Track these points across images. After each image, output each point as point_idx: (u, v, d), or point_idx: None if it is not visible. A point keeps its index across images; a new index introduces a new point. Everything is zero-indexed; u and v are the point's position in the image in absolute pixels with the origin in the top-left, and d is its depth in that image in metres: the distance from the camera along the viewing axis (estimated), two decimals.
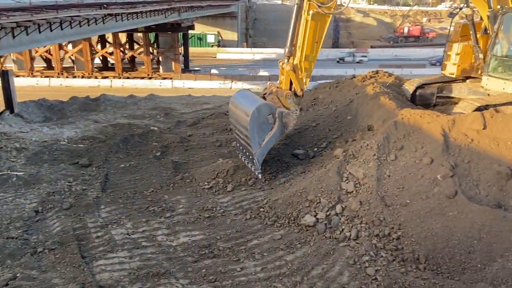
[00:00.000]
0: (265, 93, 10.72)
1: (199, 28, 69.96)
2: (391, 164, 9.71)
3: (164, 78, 46.39)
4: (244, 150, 10.92)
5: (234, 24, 76.38)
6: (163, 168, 12.31)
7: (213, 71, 50.79)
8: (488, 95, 12.23)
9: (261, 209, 9.47)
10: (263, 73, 49.03)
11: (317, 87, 16.67)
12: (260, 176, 10.48)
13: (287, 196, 9.57)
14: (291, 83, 10.52)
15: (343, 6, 11.86)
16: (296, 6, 9.78)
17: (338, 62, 58.96)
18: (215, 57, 65.22)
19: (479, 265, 7.31)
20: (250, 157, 10.54)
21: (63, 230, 9.08)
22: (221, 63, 59.56)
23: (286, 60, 10.31)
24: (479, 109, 10.95)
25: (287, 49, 10.07)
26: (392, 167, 9.60)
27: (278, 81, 11.00)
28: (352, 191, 9.35)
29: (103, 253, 8.26)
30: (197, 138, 14.67)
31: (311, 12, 9.66)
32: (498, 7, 11.67)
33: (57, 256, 8.19)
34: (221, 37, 74.61)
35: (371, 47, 74.25)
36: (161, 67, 50.01)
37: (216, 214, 9.59)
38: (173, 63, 48.86)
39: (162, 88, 40.74)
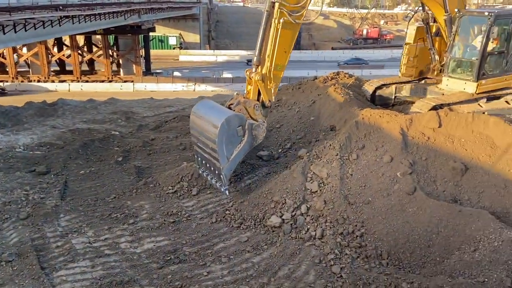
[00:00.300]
0: (231, 104, 9.98)
1: (160, 30, 68.94)
2: (353, 163, 9.91)
3: (125, 81, 45.35)
4: (208, 165, 9.95)
5: (196, 26, 75.86)
6: (125, 173, 12.01)
7: (176, 73, 50.15)
8: (443, 94, 12.77)
9: (227, 212, 9.43)
10: (226, 75, 48.94)
11: (280, 88, 16.78)
12: (227, 193, 9.67)
13: (252, 197, 9.58)
14: (259, 93, 9.94)
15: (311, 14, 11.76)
16: (266, 13, 9.31)
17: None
18: (178, 60, 64.47)
19: (438, 258, 7.61)
20: (216, 172, 9.63)
21: (20, 241, 8.67)
22: (184, 65, 58.91)
23: (254, 69, 9.72)
24: (434, 108, 11.40)
25: (255, 58, 9.48)
26: (355, 166, 9.81)
27: (245, 91, 10.23)
28: (317, 191, 9.48)
29: (63, 263, 7.95)
30: (160, 142, 14.43)
31: (281, 20, 9.20)
32: (456, 10, 12.18)
33: (15, 268, 7.82)
34: (183, 39, 73.87)
35: (332, 48, 75.88)
36: (121, 70, 48.87)
37: (181, 219, 9.46)
38: (134, 65, 47.87)
39: (123, 92, 39.78)
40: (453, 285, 6.51)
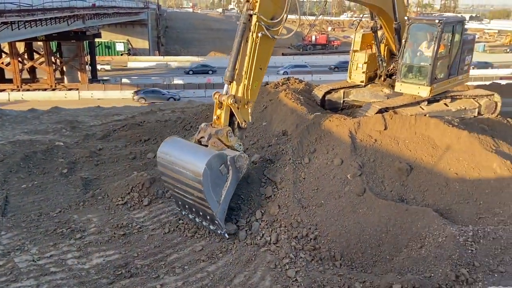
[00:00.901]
0: (201, 138, 8.92)
1: (107, 36, 66.96)
2: (305, 167, 10.07)
3: (70, 89, 43.51)
4: (195, 209, 8.87)
5: (145, 32, 74.43)
6: (71, 186, 11.44)
7: (124, 80, 48.81)
8: (387, 98, 13.31)
9: (180, 221, 9.23)
10: (177, 81, 48.33)
11: None
12: (226, 236, 8.61)
13: None
14: (231, 115, 9.02)
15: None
16: (242, 25, 8.61)
17: None
18: (126, 66, 62.81)
19: (388, 257, 7.88)
20: (208, 217, 8.65)
21: None
22: (133, 72, 57.48)
23: (226, 87, 8.89)
24: (380, 111, 11.84)
25: (228, 73, 8.66)
26: (307, 170, 9.97)
27: (213, 116, 9.18)
28: (271, 196, 9.53)
29: (6, 283, 7.41)
30: (109, 152, 13.91)
31: (260, 34, 8.62)
32: (406, 18, 12.72)
33: None
34: (131, 45, 72.20)
35: (283, 54, 77.14)
36: (65, 77, 46.90)
37: (132, 231, 9.13)
38: (79, 73, 46.03)
39: (67, 100, 38.12)
40: (402, 282, 6.74)
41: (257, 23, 8.57)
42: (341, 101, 14.76)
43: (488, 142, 10.12)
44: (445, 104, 13.18)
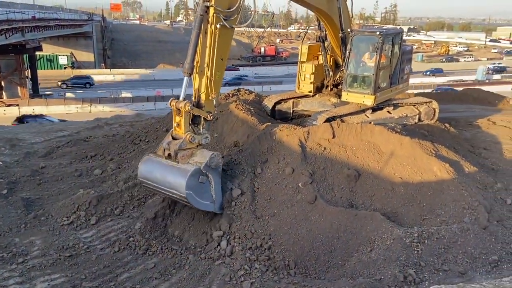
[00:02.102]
0: (168, 154, 8.94)
1: (49, 49, 64.24)
2: (258, 177, 10.11)
3: (9, 105, 41.09)
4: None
5: (89, 44, 72.14)
6: (11, 207, 10.70)
7: (68, 94, 46.86)
8: (335, 107, 13.74)
9: (131, 239, 8.92)
10: (125, 94, 47.12)
11: None
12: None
13: None
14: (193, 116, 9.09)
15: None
16: (199, 17, 8.62)
17: None
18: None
19: (340, 262, 8.05)
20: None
21: None
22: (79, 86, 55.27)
23: (184, 83, 8.84)
24: (328, 120, 12.19)
25: (187, 65, 8.64)
26: (260, 180, 10.01)
27: (173, 124, 9.23)
28: (225, 207, 9.46)
29: None
30: (52, 170, 13.20)
31: (218, 25, 8.65)
32: (348, 30, 13.22)
33: None
34: (75, 59, 69.64)
35: (232, 65, 77.65)
36: (4, 92, 44.24)
37: (79, 252, 8.69)
38: (18, 87, 43.65)
39: (6, 117, 35.92)
40: (354, 286, 6.91)
41: (214, 14, 8.63)
42: (291, 111, 15.04)
43: (428, 147, 10.69)
44: (388, 111, 13.82)
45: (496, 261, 7.68)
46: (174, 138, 9.08)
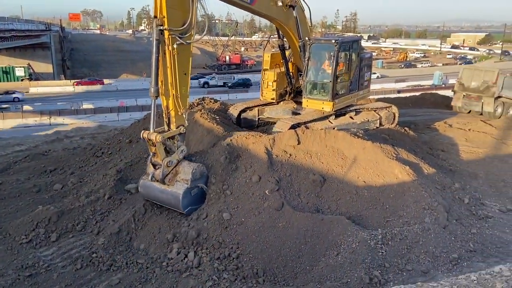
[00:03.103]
0: (156, 181, 9.62)
1: (4, 61, 61.72)
2: (226, 186, 10.05)
3: None
4: None
5: (48, 55, 69.84)
6: None
7: (26, 107, 45.06)
8: (299, 114, 13.92)
9: (94, 255, 8.62)
10: (87, 105, 45.81)
11: (146, 116, 16.29)
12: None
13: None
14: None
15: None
16: (155, 42, 8.87)
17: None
18: (28, 92, 58.12)
19: (307, 267, 8.10)
20: None
21: None
22: (36, 98, 53.33)
23: (152, 105, 9.23)
24: (293, 127, 12.33)
25: (152, 89, 9.00)
26: (227, 189, 9.95)
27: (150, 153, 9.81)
28: (192, 218, 9.34)
29: None
30: (9, 186, 12.60)
31: (175, 45, 8.97)
32: (306, 38, 13.46)
33: None
34: (33, 70, 67.19)
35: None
36: None
37: (39, 271, 8.31)
38: None
39: None
40: None
41: (169, 36, 8.91)
42: (256, 119, 15.13)
43: (390, 150, 11.01)
44: (350, 117, 14.16)
45: (456, 259, 7.97)
46: (154, 164, 9.74)
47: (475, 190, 11.33)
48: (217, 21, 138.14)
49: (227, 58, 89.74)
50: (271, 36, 15.25)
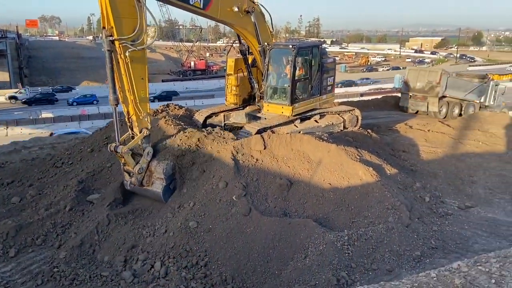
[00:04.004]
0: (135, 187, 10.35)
1: None
2: (192, 193, 9.94)
3: None
4: None
5: (4, 63, 66.96)
6: None
7: None
8: (265, 119, 13.98)
9: (55, 269, 8.29)
10: (46, 114, 44.20)
11: (108, 124, 15.88)
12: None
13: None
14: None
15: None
16: (107, 53, 9.02)
17: None
18: None
19: (276, 272, 8.10)
20: None
21: None
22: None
23: (114, 112, 9.66)
24: (259, 132, 12.36)
25: (112, 97, 9.24)
26: (193, 196, 9.84)
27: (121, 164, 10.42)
28: (157, 227, 9.16)
29: None
30: None
31: (127, 53, 9.06)
32: (265, 44, 13.53)
33: None
34: None
35: (162, 81, 76.36)
36: None
37: None
38: None
39: None
40: None
41: (120, 46, 9.01)
42: (222, 124, 15.07)
43: (353, 153, 11.24)
44: (315, 121, 14.35)
45: (419, 256, 8.21)
46: (127, 172, 10.28)
47: (435, 188, 11.74)
48: (181, 27, 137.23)
49: (192, 64, 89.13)
50: (235, 42, 15.26)
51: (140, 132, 9.95)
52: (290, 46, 13.17)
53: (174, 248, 8.55)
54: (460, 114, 21.83)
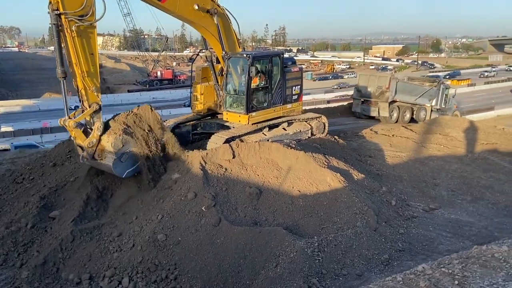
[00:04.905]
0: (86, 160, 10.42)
1: None
2: (161, 205, 9.76)
3: None
4: None
5: None
6: None
7: None
8: (234, 127, 13.93)
9: None
10: (6, 128, 42.37)
11: (71, 137, 15.38)
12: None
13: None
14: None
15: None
16: (53, 27, 9.12)
17: None
18: None
19: (248, 282, 8.05)
20: None
21: None
22: None
23: (62, 88, 9.96)
24: (227, 141, 12.31)
25: (59, 70, 9.54)
26: (162, 209, 9.66)
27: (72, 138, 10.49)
28: (124, 242, 8.91)
29: None
30: None
31: (74, 28, 9.18)
32: (223, 53, 13.52)
33: None
34: None
35: (128, 91, 74.99)
36: None
37: None
38: None
39: None
40: None
41: (66, 20, 9.10)
42: (191, 134, 14.91)
43: (321, 159, 11.38)
44: (283, 128, 14.43)
45: (387, 259, 8.38)
46: (79, 146, 10.31)
47: (400, 192, 12.05)
48: (146, 36, 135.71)
49: (159, 73, 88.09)
50: (201, 50, 15.18)
51: (89, 107, 10.04)
52: (245, 55, 13.13)
53: (142, 263, 8.33)
54: (412, 118, 22.13)
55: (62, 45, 9.55)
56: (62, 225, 9.87)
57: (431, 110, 22.84)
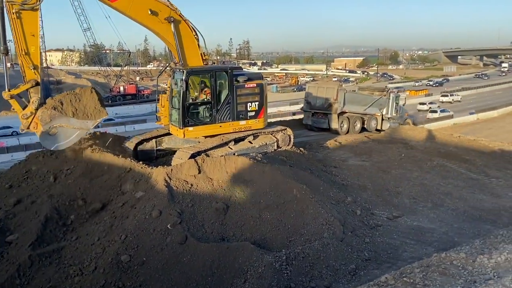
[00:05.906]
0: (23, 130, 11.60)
1: None
2: (123, 224, 9.47)
3: None
4: None
5: None
6: None
7: None
8: (199, 142, 13.78)
9: None
10: None
11: (28, 157, 14.73)
12: None
13: None
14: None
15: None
16: None
17: None
18: None
19: None
20: None
21: None
22: None
23: (6, 84, 11.10)
24: (193, 156, 12.16)
25: (2, 47, 10.68)
26: (125, 228, 9.37)
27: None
28: (86, 265, 8.56)
29: None
30: None
31: (14, 11, 10.21)
32: (167, 64, 13.52)
33: None
34: None
35: None
36: None
37: None
38: None
39: None
40: None
41: (8, 3, 10.09)
42: (155, 150, 14.67)
43: (287, 171, 11.45)
44: (249, 142, 14.41)
45: (354, 269, 8.47)
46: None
47: (365, 201, 12.28)
48: (108, 51, 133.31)
49: (122, 88, 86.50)
50: (169, 64, 15.02)
51: (27, 83, 11.00)
52: (182, 69, 12.89)
53: (105, 286, 8.03)
54: (363, 128, 22.10)
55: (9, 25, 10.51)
56: (19, 250, 9.40)
57: (382, 119, 22.73)
